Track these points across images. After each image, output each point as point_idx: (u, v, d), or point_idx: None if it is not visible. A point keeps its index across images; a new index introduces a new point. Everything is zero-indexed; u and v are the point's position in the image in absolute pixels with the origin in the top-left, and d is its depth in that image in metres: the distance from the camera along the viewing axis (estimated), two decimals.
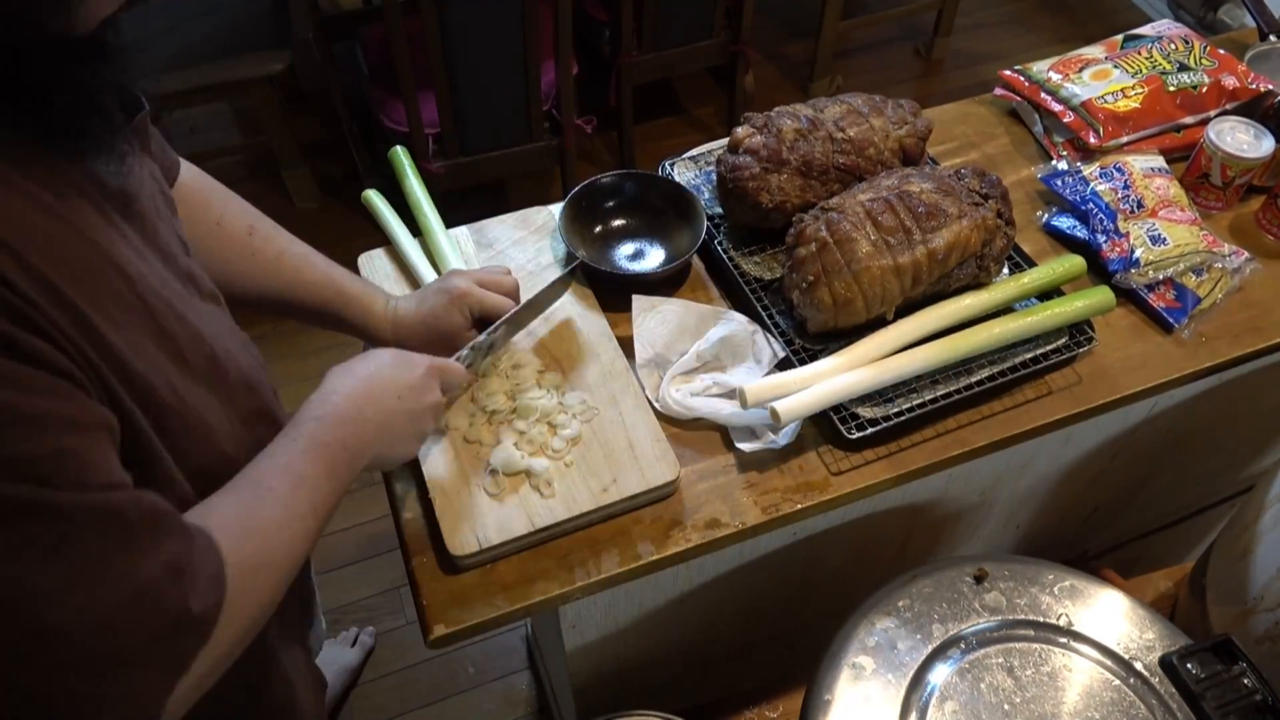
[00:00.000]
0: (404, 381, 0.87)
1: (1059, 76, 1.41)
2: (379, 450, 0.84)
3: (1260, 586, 1.14)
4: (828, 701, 0.93)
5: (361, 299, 1.01)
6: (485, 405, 1.04)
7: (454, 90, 2.09)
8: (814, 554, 1.23)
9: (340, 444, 0.79)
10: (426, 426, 0.90)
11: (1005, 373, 1.09)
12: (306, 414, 0.80)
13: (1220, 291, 1.22)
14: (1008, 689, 0.94)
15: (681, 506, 1.01)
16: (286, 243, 0.99)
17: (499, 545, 0.94)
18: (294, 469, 0.75)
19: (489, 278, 1.04)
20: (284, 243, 0.99)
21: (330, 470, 0.78)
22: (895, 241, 1.05)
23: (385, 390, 0.85)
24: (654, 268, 1.18)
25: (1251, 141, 1.28)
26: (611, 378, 1.07)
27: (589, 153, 2.80)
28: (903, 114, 1.22)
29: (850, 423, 1.04)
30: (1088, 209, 1.26)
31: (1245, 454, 1.62)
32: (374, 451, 0.83)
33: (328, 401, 0.81)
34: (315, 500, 0.76)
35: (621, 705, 1.15)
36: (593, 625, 1.14)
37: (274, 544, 0.72)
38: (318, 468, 0.77)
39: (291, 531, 0.73)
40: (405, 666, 1.89)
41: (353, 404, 0.82)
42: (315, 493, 0.76)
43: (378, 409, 0.84)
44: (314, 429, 0.78)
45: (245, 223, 0.97)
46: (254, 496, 0.72)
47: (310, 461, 0.76)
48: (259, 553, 0.70)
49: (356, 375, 0.85)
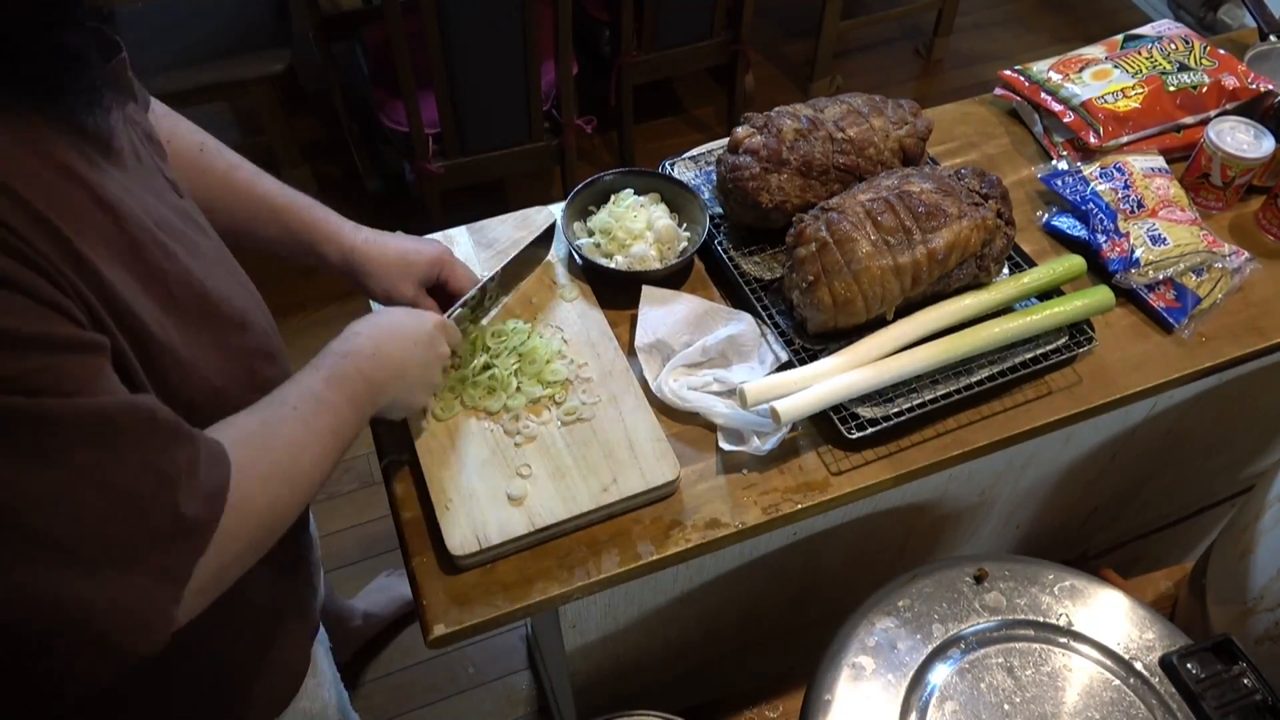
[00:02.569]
0: (417, 330, 0.92)
1: (1059, 76, 1.41)
2: (396, 393, 0.89)
3: (1260, 586, 1.14)
4: (828, 701, 0.93)
5: (313, 208, 1.01)
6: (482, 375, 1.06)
7: (454, 90, 2.09)
8: (814, 554, 1.23)
9: (362, 376, 0.84)
10: (436, 377, 0.96)
11: (1005, 373, 1.09)
12: (331, 349, 0.85)
13: (1220, 291, 1.22)
14: (1008, 689, 0.94)
15: (681, 506, 1.01)
16: (238, 160, 1.00)
17: (499, 545, 0.94)
18: (318, 394, 0.80)
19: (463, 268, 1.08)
20: (235, 160, 0.99)
21: (352, 399, 0.82)
22: (895, 241, 1.05)
23: (402, 336, 0.91)
24: (656, 266, 1.17)
25: (1251, 141, 1.28)
26: (611, 377, 1.07)
27: (589, 153, 2.80)
28: (903, 114, 1.22)
29: (850, 423, 1.04)
30: (1088, 209, 1.26)
31: (1245, 454, 1.62)
32: (392, 392, 0.89)
33: (350, 339, 0.87)
34: (337, 425, 0.80)
35: (621, 705, 1.15)
36: (593, 625, 1.14)
37: (293, 458, 0.75)
38: (340, 395, 0.81)
39: (312, 450, 0.77)
40: (405, 666, 1.89)
41: (374, 343, 0.87)
42: (337, 418, 0.80)
43: (396, 349, 0.89)
44: (338, 360, 0.84)
45: (195, 140, 0.98)
46: (276, 415, 0.76)
47: (334, 389, 0.81)
48: (276, 465, 0.73)
49: (375, 321, 0.91)
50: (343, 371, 0.83)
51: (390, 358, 0.88)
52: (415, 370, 0.91)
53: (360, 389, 0.84)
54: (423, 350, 0.92)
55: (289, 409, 0.77)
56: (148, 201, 0.72)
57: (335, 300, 2.35)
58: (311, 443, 0.77)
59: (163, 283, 0.69)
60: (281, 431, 0.75)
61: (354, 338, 0.87)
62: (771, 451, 1.03)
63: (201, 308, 0.74)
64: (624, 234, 1.18)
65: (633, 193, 1.23)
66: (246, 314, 0.81)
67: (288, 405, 0.77)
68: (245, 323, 0.80)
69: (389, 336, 0.89)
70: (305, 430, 0.77)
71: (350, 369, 0.84)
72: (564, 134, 2.30)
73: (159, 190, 0.77)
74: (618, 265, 1.16)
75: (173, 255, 0.71)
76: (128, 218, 0.67)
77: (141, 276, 0.67)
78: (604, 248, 1.19)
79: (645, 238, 1.18)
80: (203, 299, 0.74)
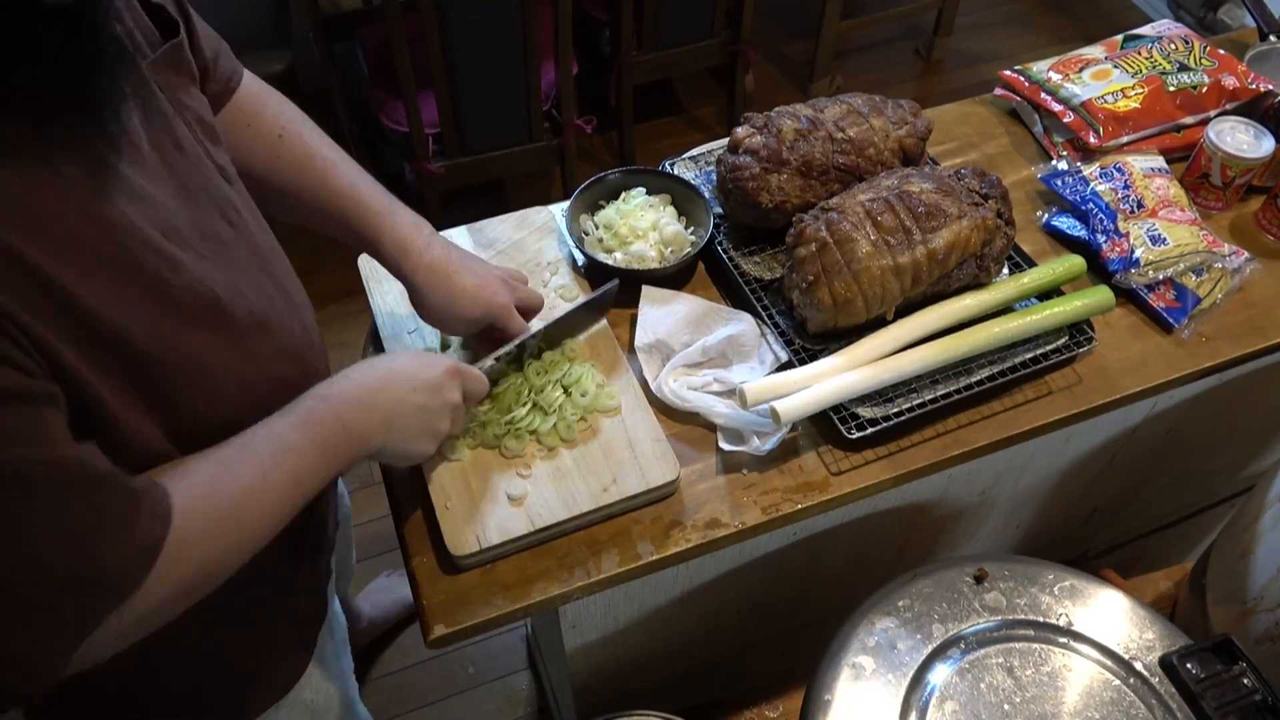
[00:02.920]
0: (422, 376, 0.87)
1: (1059, 76, 1.41)
2: (388, 440, 0.84)
3: (1260, 586, 1.14)
4: (828, 701, 0.93)
5: (383, 216, 0.96)
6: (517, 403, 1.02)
7: (454, 90, 2.09)
8: (814, 554, 1.23)
9: (338, 422, 0.79)
10: (441, 426, 0.89)
11: (1005, 373, 1.09)
12: (313, 391, 0.80)
13: (1220, 291, 1.22)
14: (1008, 689, 0.94)
15: (681, 506, 1.01)
16: (316, 147, 0.96)
17: (499, 545, 0.94)
18: (282, 437, 0.76)
19: (526, 298, 1.03)
20: (313, 147, 0.96)
21: (322, 446, 0.78)
22: (895, 241, 1.05)
23: (400, 382, 0.85)
24: (655, 265, 1.17)
25: (1251, 141, 1.28)
26: (612, 378, 1.07)
27: (589, 152, 2.80)
28: (903, 114, 1.22)
29: (850, 423, 1.04)
30: (1088, 209, 1.26)
31: (1245, 454, 1.62)
32: (381, 440, 0.83)
33: (336, 383, 0.82)
34: (298, 471, 0.76)
35: (621, 705, 1.15)
36: (593, 625, 1.14)
37: (240, 505, 0.72)
38: (308, 440, 0.77)
39: (265, 499, 0.73)
40: (405, 666, 1.89)
41: (363, 388, 0.82)
42: (300, 463, 0.76)
43: (389, 398, 0.84)
44: (313, 404, 0.79)
45: (277, 124, 0.95)
46: (235, 458, 0.73)
47: (301, 433, 0.77)
48: (223, 513, 0.71)
49: (374, 365, 0.86)
50: (317, 417, 0.78)
51: (378, 408, 0.82)
52: (413, 417, 0.85)
53: (334, 436, 0.79)
54: (427, 396, 0.86)
55: (249, 453, 0.73)
56: (167, 204, 0.71)
57: (335, 300, 2.35)
58: (266, 491, 0.73)
59: (164, 292, 0.68)
60: (235, 478, 0.72)
61: (341, 380, 0.82)
62: (771, 451, 1.03)
63: (213, 314, 0.73)
64: (627, 231, 1.17)
65: (645, 191, 1.23)
66: (268, 316, 0.79)
67: (249, 449, 0.74)
68: (264, 324, 0.79)
69: (384, 383, 0.84)
70: (262, 478, 0.73)
71: (326, 414, 0.79)
72: (564, 134, 2.30)
73: (196, 181, 0.76)
74: (617, 262, 1.16)
75: (178, 265, 0.70)
76: (126, 229, 0.66)
77: (138, 287, 0.66)
78: (605, 243, 1.19)
79: (648, 237, 1.17)
80: (214, 305, 0.73)
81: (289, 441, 0.76)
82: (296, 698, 1.00)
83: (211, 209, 0.77)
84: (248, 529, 0.73)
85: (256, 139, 0.94)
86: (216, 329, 0.73)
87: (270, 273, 0.83)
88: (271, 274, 0.83)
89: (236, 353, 0.75)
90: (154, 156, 0.72)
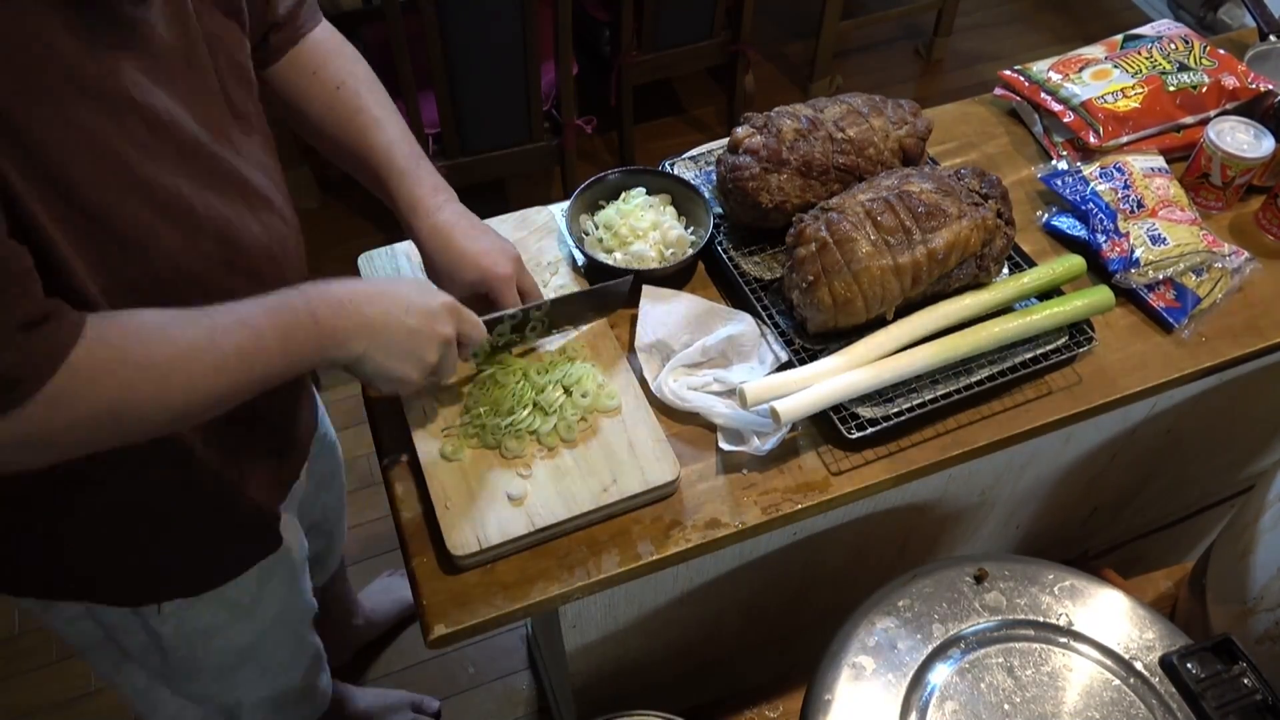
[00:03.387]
0: (418, 301, 0.88)
1: (1059, 76, 1.41)
2: (369, 351, 0.85)
3: (1260, 586, 1.14)
4: (828, 701, 0.93)
5: (406, 177, 1.00)
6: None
7: (454, 90, 2.09)
8: (814, 554, 1.23)
9: (311, 316, 0.80)
10: (429, 355, 0.89)
11: (1005, 373, 1.09)
12: (298, 286, 0.82)
13: (1220, 291, 1.22)
14: (1008, 689, 0.94)
15: (681, 506, 1.01)
16: (368, 103, 1.01)
17: (499, 545, 0.94)
18: (243, 313, 0.77)
19: (528, 284, 1.05)
20: (365, 102, 1.01)
21: (284, 331, 0.79)
22: (895, 241, 1.05)
23: (394, 300, 0.87)
24: (655, 265, 1.17)
25: (1251, 141, 1.28)
26: (612, 377, 1.07)
27: (589, 153, 2.80)
28: (903, 114, 1.22)
29: (850, 423, 1.04)
30: (1088, 209, 1.26)
31: (1245, 454, 1.62)
32: (361, 348, 0.84)
33: (325, 283, 0.83)
34: (250, 348, 0.76)
35: (621, 705, 1.15)
36: (593, 625, 1.14)
37: (174, 357, 0.72)
38: (270, 322, 0.78)
39: (203, 359, 0.74)
40: (405, 666, 1.89)
41: (351, 295, 0.84)
42: (255, 340, 0.77)
43: (378, 310, 0.85)
44: (290, 293, 0.81)
45: (338, 78, 1.00)
46: (185, 317, 0.74)
47: (267, 315, 0.78)
48: (147, 353, 0.71)
49: (373, 281, 0.89)
50: (288, 304, 0.79)
51: (363, 316, 0.83)
52: (400, 335, 0.86)
53: (304, 326, 0.80)
54: (418, 320, 0.87)
55: (203, 316, 0.74)
56: (165, 102, 0.74)
57: None
58: (208, 354, 0.74)
59: (125, 163, 0.70)
60: (176, 331, 0.73)
61: (331, 283, 0.83)
62: (771, 451, 1.03)
63: (176, 207, 0.75)
64: (627, 231, 1.17)
65: (645, 191, 1.23)
66: (234, 231, 0.81)
67: (205, 313, 0.75)
68: (225, 236, 0.80)
69: (376, 295, 0.85)
70: (208, 340, 0.74)
71: (298, 303, 0.80)
72: (564, 134, 2.30)
73: (198, 98, 0.78)
74: (617, 262, 1.16)
75: (152, 150, 0.72)
76: (102, 97, 0.68)
77: (98, 147, 0.68)
78: (605, 243, 1.19)
79: (648, 237, 1.17)
80: (178, 199, 0.75)
81: (248, 318, 0.77)
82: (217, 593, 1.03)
83: (209, 130, 0.79)
84: (176, 385, 0.73)
85: (316, 86, 1.00)
86: (177, 225, 0.75)
87: (259, 207, 0.85)
88: (261, 209, 0.85)
89: (191, 249, 0.77)
90: (168, 63, 0.75)
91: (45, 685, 1.82)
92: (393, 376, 0.89)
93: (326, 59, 1.01)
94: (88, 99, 0.68)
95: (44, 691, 1.81)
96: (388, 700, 1.76)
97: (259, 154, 0.88)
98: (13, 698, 1.80)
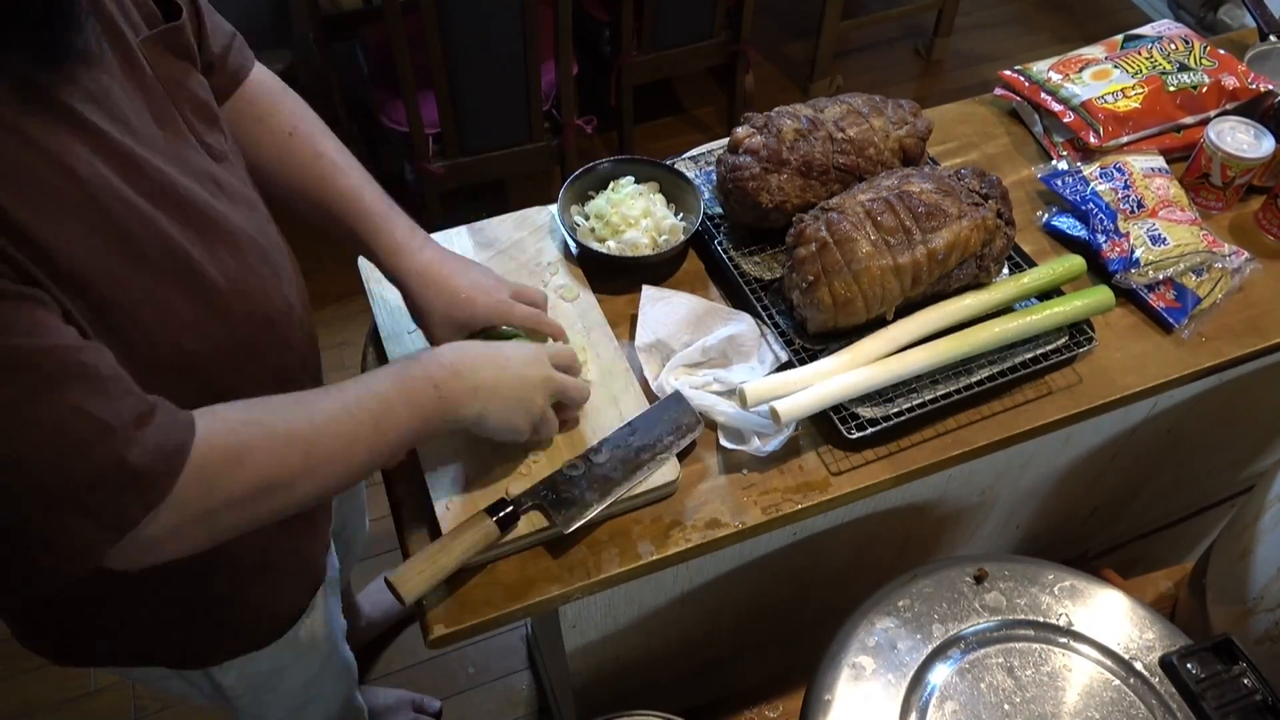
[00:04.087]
0: (515, 353, 0.91)
1: (1059, 76, 1.41)
2: (481, 408, 0.87)
3: (1260, 586, 1.14)
4: (828, 701, 0.93)
5: (380, 219, 0.98)
6: None
7: (454, 90, 2.09)
8: (814, 554, 1.23)
9: (429, 381, 0.83)
10: (536, 400, 0.92)
11: (1005, 373, 1.09)
12: (410, 354, 0.85)
13: (1220, 291, 1.22)
14: (1008, 689, 0.94)
15: (681, 506, 1.01)
16: (325, 148, 0.99)
17: (499, 545, 0.94)
18: (370, 383, 0.81)
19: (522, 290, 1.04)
20: (321, 148, 0.99)
21: (410, 399, 0.82)
22: (895, 241, 1.05)
23: (495, 357, 0.90)
24: (649, 252, 1.18)
25: (1251, 141, 1.28)
26: (612, 377, 1.07)
27: (589, 153, 2.80)
28: (903, 114, 1.22)
29: (850, 423, 1.04)
30: (1088, 209, 1.26)
31: (1245, 454, 1.62)
32: (479, 407, 0.87)
33: (434, 350, 0.87)
34: (381, 415, 0.79)
35: (621, 705, 1.15)
36: (593, 625, 1.14)
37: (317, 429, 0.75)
38: (396, 390, 0.81)
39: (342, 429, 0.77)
40: (405, 666, 1.89)
41: (460, 358, 0.87)
42: (384, 408, 0.80)
43: (486, 368, 0.88)
44: (406, 362, 0.84)
45: (288, 124, 0.98)
46: (316, 394, 0.77)
47: (392, 385, 0.81)
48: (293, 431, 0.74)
49: (481, 344, 0.90)
50: (409, 374, 0.83)
51: (475, 376, 0.87)
52: (509, 386, 0.89)
53: (426, 394, 0.83)
54: (521, 367, 0.90)
55: (333, 390, 0.78)
56: (150, 165, 0.73)
57: (335, 300, 2.35)
58: (344, 421, 0.77)
59: (130, 243, 0.70)
60: (311, 406, 0.77)
61: (442, 349, 0.88)
62: (773, 452, 1.03)
63: (182, 271, 0.75)
64: (619, 219, 1.18)
65: (633, 180, 1.23)
66: (246, 283, 0.81)
67: (333, 388, 0.79)
68: (241, 290, 0.80)
69: (480, 355, 0.89)
70: (341, 408, 0.77)
71: (418, 372, 0.84)
72: (564, 134, 2.31)
73: (177, 153, 0.78)
74: (610, 250, 1.17)
75: (149, 220, 0.72)
76: (92, 181, 0.68)
77: (103, 235, 0.68)
78: (598, 232, 1.19)
79: (640, 225, 1.18)
80: (184, 262, 0.75)
81: (375, 389, 0.80)
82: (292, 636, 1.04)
83: (193, 181, 0.79)
84: (318, 452, 0.76)
85: (266, 135, 0.97)
86: (185, 286, 0.75)
87: (256, 247, 0.84)
88: (258, 248, 0.85)
89: (207, 312, 0.77)
90: (139, 123, 0.74)
91: (45, 685, 1.82)
92: (508, 428, 0.92)
93: (274, 106, 0.98)
94: (80, 188, 0.67)
95: (44, 691, 1.81)
96: (388, 700, 1.76)
97: (244, 189, 0.87)
98: (13, 698, 1.80)
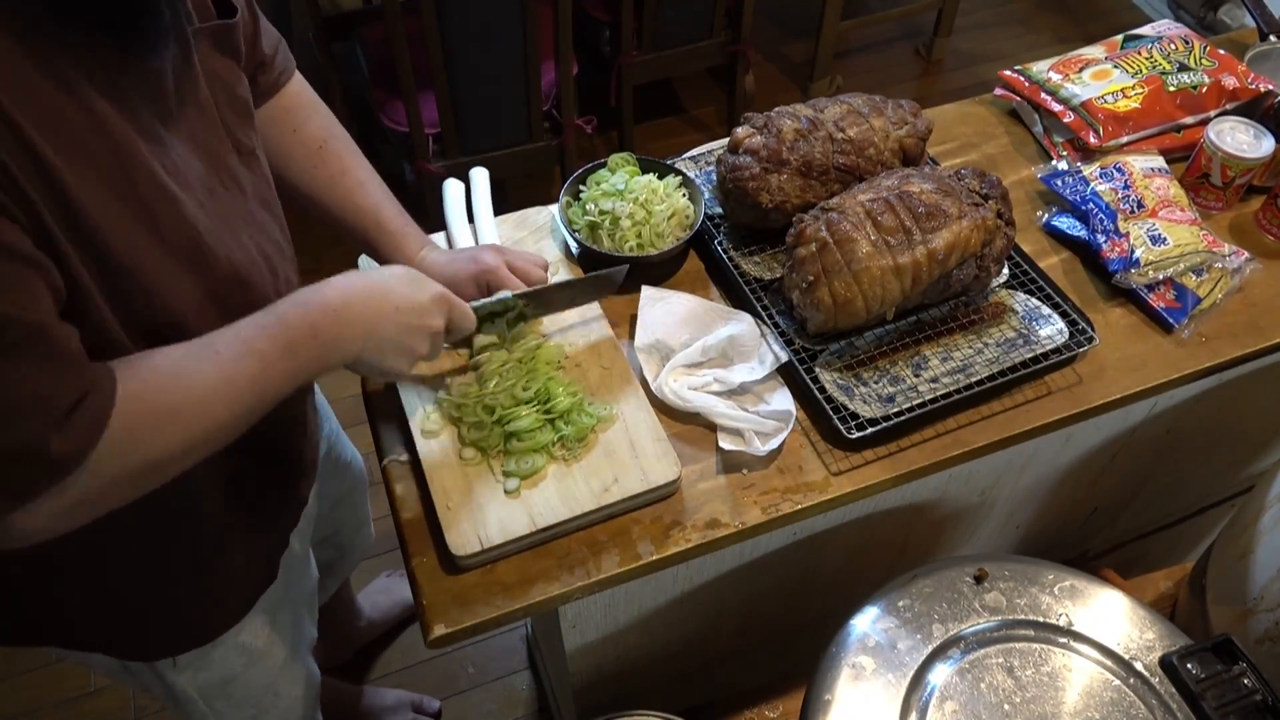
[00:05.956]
0: (408, 295, 0.88)
1: (1059, 76, 1.41)
2: (363, 351, 0.86)
3: (1260, 586, 1.14)
4: (828, 701, 0.93)
5: (396, 236, 1.05)
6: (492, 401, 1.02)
7: (454, 90, 2.09)
8: (814, 554, 1.23)
9: (309, 328, 0.81)
10: (419, 347, 0.90)
11: (1005, 373, 1.09)
12: (292, 296, 0.83)
13: (1220, 291, 1.22)
14: (1008, 689, 0.94)
15: (682, 506, 1.01)
16: (351, 165, 1.04)
17: (500, 545, 0.94)
18: (248, 340, 0.77)
19: (520, 264, 1.06)
20: (349, 164, 1.04)
21: (289, 349, 0.79)
22: (895, 241, 1.05)
23: (385, 297, 0.87)
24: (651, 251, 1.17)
25: (1251, 141, 1.28)
26: (612, 377, 1.07)
27: (589, 153, 2.80)
28: (903, 114, 1.22)
29: (850, 423, 1.04)
30: (1088, 209, 1.26)
31: (1245, 454, 1.62)
32: (356, 350, 0.85)
33: (318, 290, 0.84)
34: (260, 374, 0.78)
35: (621, 705, 1.15)
36: (593, 625, 1.14)
37: (195, 401, 0.74)
38: (274, 344, 0.79)
39: (221, 394, 0.75)
40: (405, 666, 1.89)
41: (343, 298, 0.84)
42: (263, 366, 0.78)
43: (369, 309, 0.85)
44: (287, 308, 0.81)
45: (320, 137, 1.03)
46: (196, 354, 0.75)
47: (269, 337, 0.79)
48: (173, 405, 0.73)
49: (363, 277, 0.88)
50: (288, 321, 0.80)
51: (356, 318, 0.84)
52: (392, 331, 0.87)
53: (304, 341, 0.80)
54: (410, 315, 0.88)
55: (210, 351, 0.75)
56: (177, 148, 0.76)
57: None
58: (221, 386, 0.75)
59: (151, 218, 0.72)
60: (193, 373, 0.74)
61: (324, 288, 0.83)
62: (772, 451, 1.03)
63: (193, 254, 0.76)
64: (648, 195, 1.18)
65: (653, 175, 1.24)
66: (249, 274, 0.82)
67: (211, 348, 0.75)
68: (244, 280, 0.82)
69: (367, 294, 0.85)
70: (219, 374, 0.75)
71: (298, 319, 0.80)
72: (564, 134, 2.31)
73: (206, 141, 0.80)
74: (609, 250, 1.17)
75: (172, 198, 0.73)
76: (130, 152, 0.70)
77: (129, 205, 0.70)
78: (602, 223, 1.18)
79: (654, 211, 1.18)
80: (195, 246, 0.76)
81: (254, 345, 0.77)
82: (231, 639, 1.04)
83: (214, 170, 0.81)
84: (200, 427, 0.75)
85: (299, 146, 1.02)
86: (192, 268, 0.76)
87: (262, 241, 0.86)
88: (263, 243, 0.86)
89: (209, 297, 0.78)
90: (177, 108, 0.77)
91: (45, 685, 1.82)
92: (384, 370, 0.90)
93: (307, 116, 1.03)
94: (118, 157, 0.69)
95: (44, 691, 1.81)
96: (388, 700, 1.76)
97: (261, 186, 0.89)
98: (13, 698, 1.80)
